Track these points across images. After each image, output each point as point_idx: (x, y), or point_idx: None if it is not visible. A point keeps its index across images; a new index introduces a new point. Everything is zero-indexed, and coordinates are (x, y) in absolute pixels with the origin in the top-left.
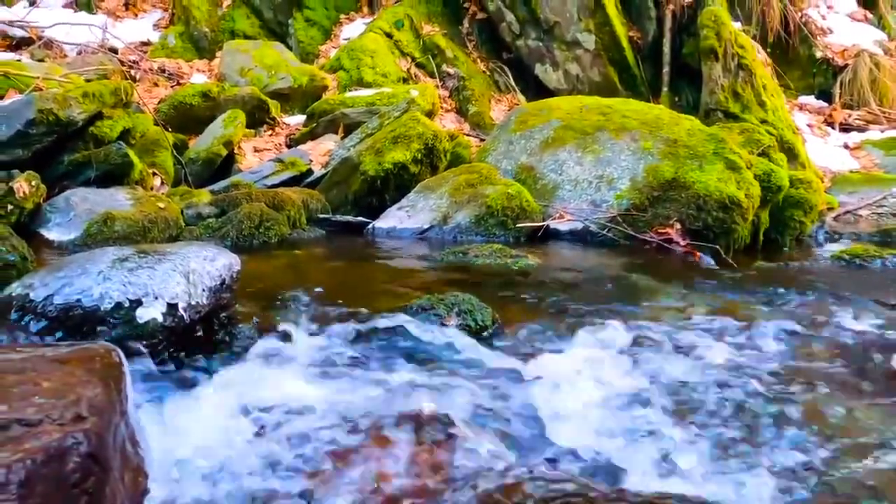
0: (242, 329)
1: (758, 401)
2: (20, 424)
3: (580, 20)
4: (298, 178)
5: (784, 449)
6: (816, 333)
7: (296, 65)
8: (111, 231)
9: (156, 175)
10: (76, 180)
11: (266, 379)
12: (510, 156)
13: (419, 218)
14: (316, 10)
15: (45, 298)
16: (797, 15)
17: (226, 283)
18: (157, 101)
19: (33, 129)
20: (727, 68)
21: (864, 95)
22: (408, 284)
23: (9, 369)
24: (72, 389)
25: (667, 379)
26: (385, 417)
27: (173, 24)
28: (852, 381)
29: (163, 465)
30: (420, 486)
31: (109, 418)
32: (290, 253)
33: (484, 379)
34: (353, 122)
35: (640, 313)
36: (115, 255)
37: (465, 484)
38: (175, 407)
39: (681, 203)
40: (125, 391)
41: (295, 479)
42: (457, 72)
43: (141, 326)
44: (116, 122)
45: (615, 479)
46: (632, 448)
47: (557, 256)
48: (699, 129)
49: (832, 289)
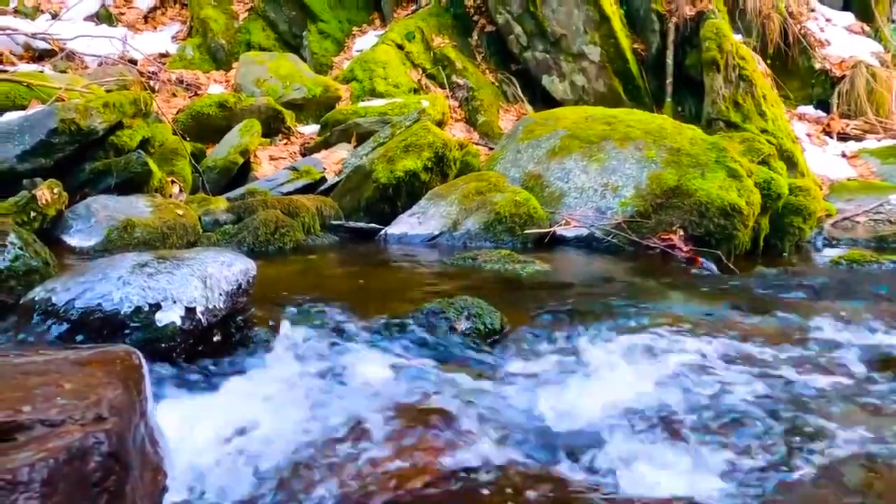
0: (258, 332)
1: (760, 402)
2: (43, 425)
3: (586, 33)
4: (312, 185)
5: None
6: (815, 333)
7: (310, 76)
8: (131, 237)
9: (174, 183)
10: (97, 188)
11: (281, 380)
12: (518, 164)
13: (430, 224)
14: (329, 23)
15: (67, 302)
16: (796, 27)
17: (242, 287)
18: (175, 111)
19: (55, 138)
20: (728, 79)
21: (861, 105)
22: (419, 289)
23: (32, 371)
24: (93, 391)
25: (671, 382)
26: (394, 418)
27: (191, 37)
28: (852, 381)
29: (182, 465)
30: (424, 486)
31: (129, 418)
32: (305, 258)
33: (493, 381)
34: (365, 131)
35: (645, 318)
36: (134, 261)
37: (469, 483)
38: (194, 407)
39: (683, 210)
40: (145, 392)
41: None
42: (466, 82)
43: (160, 330)
44: (136, 131)
45: (618, 479)
46: (636, 450)
47: (564, 262)
48: (701, 138)
49: (831, 292)
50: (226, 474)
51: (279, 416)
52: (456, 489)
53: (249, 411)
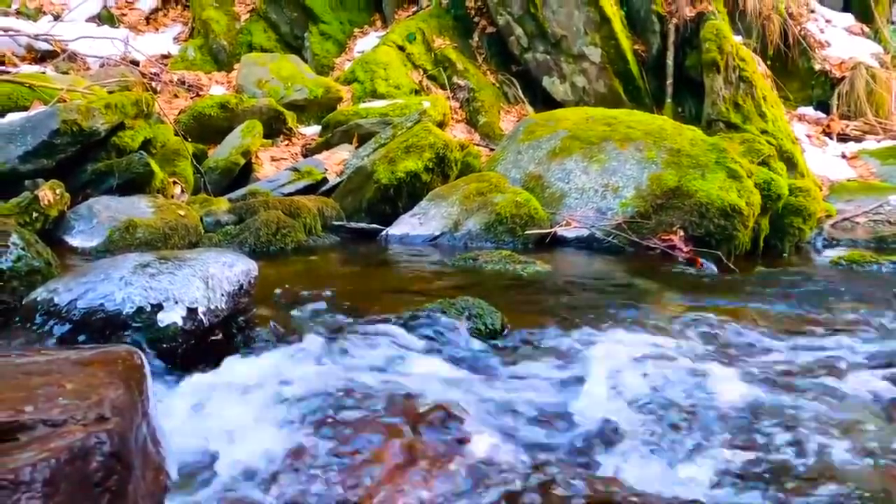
0: (260, 332)
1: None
2: (45, 425)
3: (586, 34)
4: (314, 186)
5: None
6: (815, 334)
7: (311, 77)
8: (133, 238)
9: (176, 184)
10: (99, 189)
11: (282, 380)
12: (519, 165)
13: (431, 225)
14: (331, 24)
15: (70, 303)
16: (796, 29)
17: (244, 288)
18: (177, 112)
19: (58, 139)
20: (728, 80)
21: (860, 106)
22: (420, 289)
23: (34, 371)
24: (95, 391)
25: (672, 382)
26: (396, 416)
27: (193, 38)
28: (852, 381)
29: (184, 465)
30: (427, 485)
31: (131, 418)
32: (306, 259)
33: (493, 381)
34: (366, 132)
35: (645, 318)
36: (136, 261)
37: (473, 483)
38: (195, 407)
39: (684, 211)
40: (146, 392)
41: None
42: (467, 84)
43: (162, 330)
44: (138, 132)
45: (621, 478)
46: (641, 452)
47: (565, 262)
48: (701, 139)
49: (830, 292)
50: (226, 474)
51: (280, 416)
52: (456, 489)
53: (250, 411)
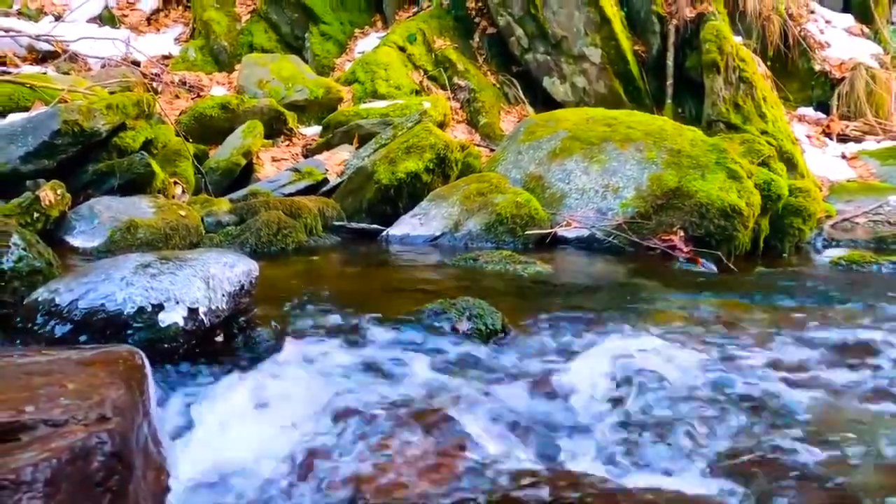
0: (261, 333)
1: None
2: (47, 425)
3: (587, 35)
4: (315, 186)
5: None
6: (814, 334)
7: (312, 77)
8: (134, 238)
9: (177, 184)
10: (100, 189)
11: (283, 380)
12: (519, 165)
13: (431, 225)
14: (331, 25)
15: (71, 303)
16: (796, 29)
17: (245, 288)
18: (178, 113)
19: (59, 139)
20: (729, 81)
21: (860, 107)
22: (421, 289)
23: (35, 371)
24: (96, 391)
25: (673, 382)
26: (397, 417)
27: (194, 39)
28: (851, 381)
29: (185, 465)
30: (429, 485)
31: (132, 418)
32: (307, 259)
33: (494, 382)
34: (367, 132)
35: (646, 318)
36: (137, 262)
37: (473, 483)
38: (197, 407)
39: (684, 211)
40: (147, 392)
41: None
42: (467, 84)
43: (163, 330)
44: (139, 132)
45: (621, 477)
46: (644, 451)
47: (565, 263)
48: (701, 139)
49: (830, 293)
50: (227, 473)
51: (281, 416)
52: (457, 489)
53: (251, 411)
